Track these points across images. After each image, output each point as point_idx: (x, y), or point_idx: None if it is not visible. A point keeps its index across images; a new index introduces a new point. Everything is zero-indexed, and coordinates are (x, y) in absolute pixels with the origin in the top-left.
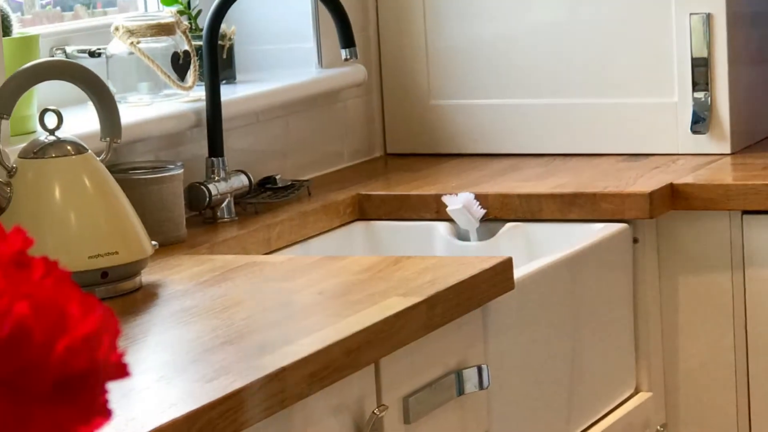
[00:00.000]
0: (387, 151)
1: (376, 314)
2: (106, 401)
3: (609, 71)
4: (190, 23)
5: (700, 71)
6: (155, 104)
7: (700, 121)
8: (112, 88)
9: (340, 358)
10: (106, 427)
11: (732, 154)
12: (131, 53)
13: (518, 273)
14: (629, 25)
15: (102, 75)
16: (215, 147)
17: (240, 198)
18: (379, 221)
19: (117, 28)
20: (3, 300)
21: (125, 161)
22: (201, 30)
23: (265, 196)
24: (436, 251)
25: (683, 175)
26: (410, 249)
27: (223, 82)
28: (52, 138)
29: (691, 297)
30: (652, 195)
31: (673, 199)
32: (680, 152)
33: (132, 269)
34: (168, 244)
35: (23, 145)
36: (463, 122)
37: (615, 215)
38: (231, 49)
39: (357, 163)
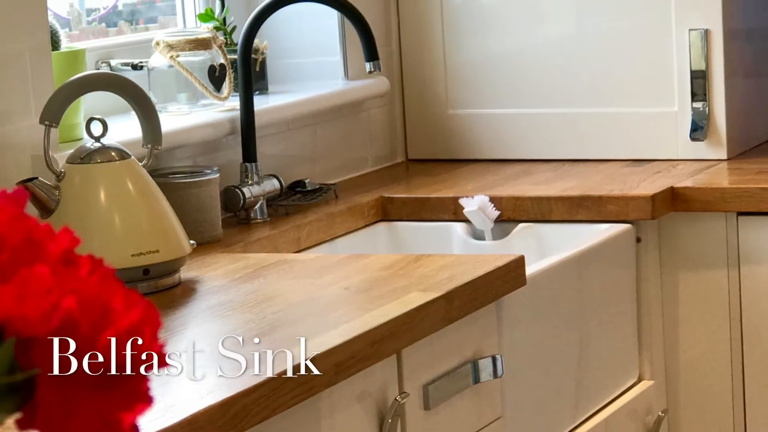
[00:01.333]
0: (408, 157)
1: (398, 308)
2: (147, 389)
3: (614, 83)
4: (226, 38)
5: (699, 83)
6: (193, 113)
7: (699, 129)
8: (153, 99)
9: (364, 348)
10: (148, 413)
11: (728, 159)
12: (171, 66)
13: (530, 270)
14: (633, 40)
15: (144, 86)
16: (249, 153)
17: (272, 200)
18: (400, 222)
19: (158, 43)
20: (52, 295)
21: (165, 166)
22: (236, 44)
23: (295, 198)
24: (454, 250)
25: (683, 179)
26: (430, 248)
27: (256, 93)
28: (97, 145)
29: (690, 292)
30: (654, 198)
31: (674, 201)
32: (680, 158)
33: (172, 266)
34: (205, 243)
35: (71, 151)
36: (478, 130)
37: (619, 216)
38: (263, 62)
39: (380, 168)
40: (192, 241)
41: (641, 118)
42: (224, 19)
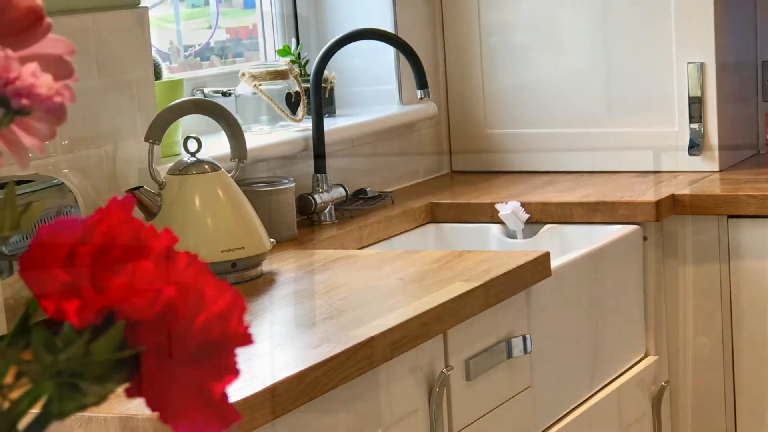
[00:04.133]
0: (453, 169)
1: (444, 295)
2: (235, 363)
3: (624, 107)
4: (300, 70)
5: (695, 107)
6: (273, 133)
7: (695, 146)
8: (240, 120)
9: (416, 329)
10: (235, 383)
11: (720, 171)
12: (254, 93)
13: (554, 264)
14: (640, 71)
15: (232, 110)
16: (319, 166)
17: (339, 205)
18: (446, 223)
19: (243, 74)
20: (155, 285)
21: (250, 177)
22: (309, 75)
23: (358, 204)
24: (491, 247)
25: (682, 188)
26: (470, 245)
27: (326, 115)
28: (193, 159)
29: (688, 282)
30: (657, 203)
31: (674, 206)
32: (680, 170)
33: (255, 261)
34: (283, 242)
35: (171, 164)
36: (512, 146)
37: (629, 219)
38: (332, 90)
39: (429, 178)
40: (272, 240)
41: (647, 137)
42: (299, 54)
